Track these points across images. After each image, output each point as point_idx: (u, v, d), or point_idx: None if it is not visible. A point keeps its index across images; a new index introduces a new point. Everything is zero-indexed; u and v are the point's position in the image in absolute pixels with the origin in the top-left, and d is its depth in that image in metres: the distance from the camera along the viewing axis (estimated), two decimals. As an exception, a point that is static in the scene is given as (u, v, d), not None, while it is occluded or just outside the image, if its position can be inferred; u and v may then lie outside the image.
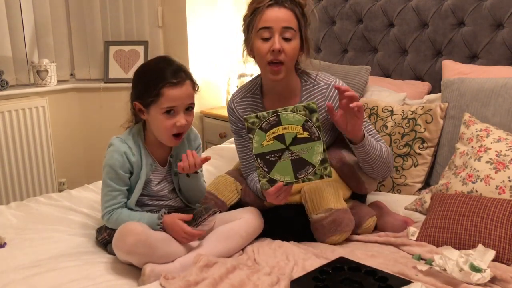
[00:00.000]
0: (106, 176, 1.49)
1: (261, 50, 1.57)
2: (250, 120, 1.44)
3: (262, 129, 1.44)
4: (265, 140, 1.44)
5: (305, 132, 1.43)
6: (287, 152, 1.44)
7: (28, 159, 2.78)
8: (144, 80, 1.48)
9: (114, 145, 1.51)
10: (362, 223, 1.64)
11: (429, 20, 2.36)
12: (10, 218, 1.73)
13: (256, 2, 1.57)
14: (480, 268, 1.26)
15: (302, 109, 1.42)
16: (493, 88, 1.93)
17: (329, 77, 1.70)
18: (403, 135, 2.03)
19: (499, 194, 1.61)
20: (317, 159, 1.43)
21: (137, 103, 1.49)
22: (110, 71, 3.07)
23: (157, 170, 1.56)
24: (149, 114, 1.48)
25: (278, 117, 1.43)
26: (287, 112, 1.43)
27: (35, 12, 2.87)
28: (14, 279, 1.31)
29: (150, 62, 1.56)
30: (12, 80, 2.81)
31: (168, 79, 1.44)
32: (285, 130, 1.44)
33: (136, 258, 1.35)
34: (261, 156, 1.45)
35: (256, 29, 1.56)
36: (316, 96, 1.67)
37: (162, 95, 1.44)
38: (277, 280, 1.27)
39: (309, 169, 1.44)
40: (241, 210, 1.61)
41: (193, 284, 1.25)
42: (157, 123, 1.48)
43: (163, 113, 1.45)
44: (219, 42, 3.18)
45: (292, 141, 1.43)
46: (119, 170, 1.48)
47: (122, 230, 1.37)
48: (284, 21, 1.54)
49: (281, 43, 1.54)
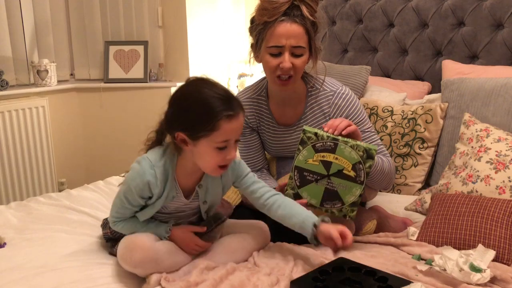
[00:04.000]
0: (123, 191, 1.38)
1: (270, 65, 1.55)
2: (308, 134, 1.43)
3: (315, 147, 1.43)
4: (311, 159, 1.44)
5: (352, 171, 1.42)
6: (326, 179, 1.44)
7: (28, 159, 2.78)
8: (195, 111, 1.28)
9: (141, 168, 1.34)
10: (362, 227, 1.64)
11: (429, 20, 2.36)
12: (10, 218, 1.73)
13: (267, 15, 1.50)
14: (480, 268, 1.26)
15: (362, 150, 1.41)
16: (493, 88, 1.93)
17: (335, 84, 1.67)
18: (403, 135, 2.03)
19: (499, 194, 1.61)
20: (350, 200, 1.44)
21: (181, 133, 1.30)
22: (110, 71, 3.07)
23: (179, 198, 1.42)
24: (196, 146, 1.30)
25: (335, 146, 1.42)
26: (347, 145, 1.41)
27: (35, 12, 2.87)
28: (14, 279, 1.31)
29: (193, 88, 1.32)
30: (12, 80, 2.81)
31: (226, 111, 1.26)
32: (336, 160, 1.43)
33: (143, 271, 1.33)
34: (300, 170, 1.45)
35: (266, 44, 1.53)
36: (321, 103, 1.66)
37: (218, 129, 1.26)
38: (276, 281, 1.27)
39: (337, 204, 1.45)
40: (250, 224, 1.54)
41: (193, 285, 1.25)
42: (205, 156, 1.31)
43: (216, 148, 1.29)
44: (219, 42, 3.18)
45: (337, 172, 1.43)
46: (135, 196, 1.36)
47: (129, 245, 1.34)
48: (295, 39, 1.50)
49: (290, 59, 1.52)
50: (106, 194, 1.97)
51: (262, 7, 1.52)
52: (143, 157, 1.37)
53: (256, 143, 1.77)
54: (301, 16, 1.50)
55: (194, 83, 1.34)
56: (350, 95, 1.64)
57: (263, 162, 1.80)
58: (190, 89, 1.32)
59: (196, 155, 1.32)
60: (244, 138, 1.77)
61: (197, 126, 1.28)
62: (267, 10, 1.49)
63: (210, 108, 1.26)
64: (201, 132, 1.27)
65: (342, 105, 1.62)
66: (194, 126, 1.28)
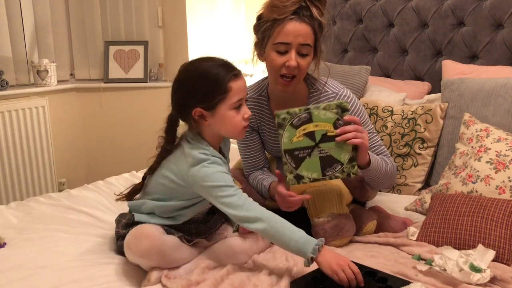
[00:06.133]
0: (218, 187, 1.33)
1: (275, 63, 1.54)
2: (281, 116, 1.43)
3: (293, 125, 1.43)
4: (295, 137, 1.43)
5: (335, 130, 1.42)
6: (316, 149, 1.43)
7: (28, 159, 2.78)
8: (204, 83, 1.36)
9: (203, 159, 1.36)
10: (362, 227, 1.64)
11: (429, 20, 2.36)
12: (10, 218, 1.73)
13: (277, 12, 1.50)
14: (480, 268, 1.26)
15: (335, 107, 1.41)
16: (493, 88, 1.93)
17: (337, 86, 1.67)
18: (403, 135, 2.03)
19: (499, 194, 1.61)
20: (346, 157, 1.42)
21: (199, 109, 1.37)
22: (110, 71, 3.08)
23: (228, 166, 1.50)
24: (216, 115, 1.38)
25: (309, 114, 1.42)
26: (319, 109, 1.42)
27: (35, 12, 2.87)
28: (14, 279, 1.31)
29: (192, 67, 1.41)
30: (12, 80, 2.81)
31: (231, 72, 1.37)
32: (316, 127, 1.43)
33: (147, 262, 1.35)
34: (290, 152, 1.44)
35: (273, 41, 1.53)
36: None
37: (231, 89, 1.36)
38: (276, 281, 1.27)
39: (337, 166, 1.43)
40: None
41: (194, 284, 1.25)
42: (227, 120, 1.39)
43: (233, 109, 1.38)
44: (219, 42, 3.18)
45: (322, 138, 1.42)
46: (226, 176, 1.36)
47: (137, 233, 1.36)
48: (303, 38, 1.50)
49: (296, 59, 1.52)
50: (106, 194, 1.97)
51: (273, 4, 1.52)
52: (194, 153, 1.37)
53: (257, 143, 1.77)
54: (310, 16, 1.51)
55: (190, 64, 1.43)
56: (352, 97, 1.64)
57: (264, 161, 1.80)
58: (190, 68, 1.41)
59: (218, 123, 1.40)
60: (244, 138, 1.76)
61: (210, 95, 1.36)
62: (278, 7, 1.50)
63: (216, 75, 1.36)
64: (216, 99, 1.36)
65: None
66: (208, 96, 1.36)
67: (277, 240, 1.30)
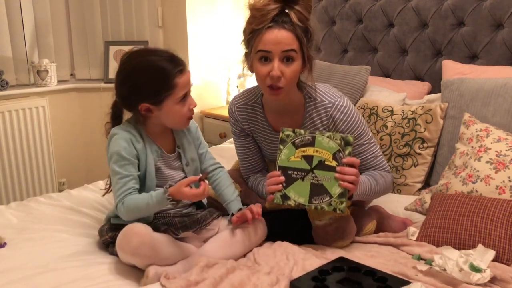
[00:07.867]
0: (114, 164, 1.45)
1: (260, 73, 1.51)
2: (286, 132, 1.46)
3: (294, 144, 1.45)
4: (293, 156, 1.45)
5: (333, 160, 1.43)
6: (311, 175, 1.44)
7: (28, 159, 2.78)
8: (151, 79, 1.43)
9: (118, 134, 1.48)
10: (362, 227, 1.64)
11: (429, 20, 2.36)
12: (10, 218, 1.73)
13: (255, 23, 1.48)
14: (480, 268, 1.26)
15: (339, 138, 1.42)
16: (493, 88, 1.93)
17: (334, 94, 1.63)
18: (403, 135, 2.03)
19: (499, 194, 1.61)
20: (337, 191, 1.43)
21: (145, 104, 1.45)
22: (110, 71, 3.07)
23: (164, 157, 1.54)
24: (162, 109, 1.46)
25: (313, 138, 1.44)
26: (323, 136, 1.43)
27: (35, 12, 2.87)
28: (14, 279, 1.31)
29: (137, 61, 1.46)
30: (12, 80, 2.82)
31: (176, 68, 1.44)
32: (316, 152, 1.44)
33: (140, 260, 1.35)
34: (284, 170, 1.46)
35: (255, 50, 1.49)
36: (321, 113, 1.62)
37: (177, 85, 1.43)
38: (276, 280, 1.27)
39: (326, 197, 1.44)
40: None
41: (193, 284, 1.25)
42: (173, 114, 1.47)
43: (179, 102, 1.46)
44: (219, 42, 3.18)
45: (318, 164, 1.43)
46: (127, 156, 1.45)
47: (126, 231, 1.38)
48: (284, 44, 1.46)
49: (280, 67, 1.47)
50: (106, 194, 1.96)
51: (251, 15, 1.50)
52: (112, 129, 1.51)
53: (253, 146, 1.76)
54: (290, 22, 1.46)
55: (134, 56, 1.47)
56: (348, 107, 1.61)
57: (262, 164, 1.79)
58: (135, 62, 1.46)
59: (164, 116, 1.48)
60: (240, 142, 1.76)
61: (157, 91, 1.43)
62: (255, 17, 1.47)
63: (162, 71, 1.42)
64: (163, 95, 1.43)
65: (340, 118, 1.59)
66: (154, 92, 1.43)
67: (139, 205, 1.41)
